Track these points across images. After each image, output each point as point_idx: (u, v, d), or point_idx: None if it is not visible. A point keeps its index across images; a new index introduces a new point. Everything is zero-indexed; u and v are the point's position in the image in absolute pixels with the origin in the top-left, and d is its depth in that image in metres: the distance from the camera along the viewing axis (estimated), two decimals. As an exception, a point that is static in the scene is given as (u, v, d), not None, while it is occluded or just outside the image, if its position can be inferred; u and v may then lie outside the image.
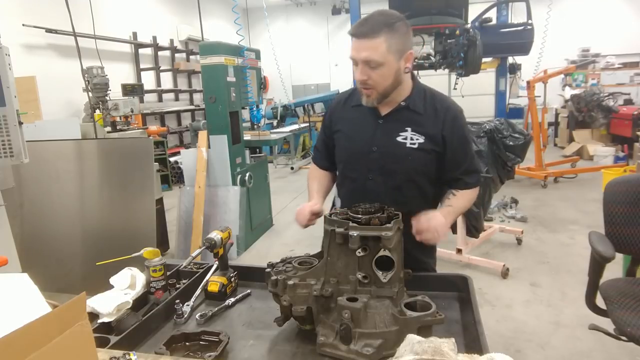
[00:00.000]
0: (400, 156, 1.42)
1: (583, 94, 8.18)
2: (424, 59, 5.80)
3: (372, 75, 1.34)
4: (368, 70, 1.33)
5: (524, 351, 2.53)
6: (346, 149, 1.52)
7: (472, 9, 6.60)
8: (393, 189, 1.45)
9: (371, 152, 1.45)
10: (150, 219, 3.13)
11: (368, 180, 1.47)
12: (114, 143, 3.72)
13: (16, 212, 3.17)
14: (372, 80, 1.34)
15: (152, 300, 1.42)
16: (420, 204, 1.45)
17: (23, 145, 2.22)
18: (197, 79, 9.93)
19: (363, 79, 1.34)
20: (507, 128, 3.72)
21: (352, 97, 1.55)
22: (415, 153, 1.42)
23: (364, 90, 1.39)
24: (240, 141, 4.46)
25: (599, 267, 1.89)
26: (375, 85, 1.36)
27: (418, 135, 1.42)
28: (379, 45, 1.29)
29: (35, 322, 0.67)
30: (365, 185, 1.47)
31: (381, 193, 1.43)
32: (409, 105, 1.44)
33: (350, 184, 1.53)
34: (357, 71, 1.35)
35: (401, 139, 1.42)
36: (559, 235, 4.34)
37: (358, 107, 1.48)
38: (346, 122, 1.53)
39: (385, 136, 1.44)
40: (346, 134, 1.52)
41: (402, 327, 1.03)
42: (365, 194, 1.42)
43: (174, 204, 5.03)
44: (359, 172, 1.48)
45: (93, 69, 5.16)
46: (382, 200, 1.32)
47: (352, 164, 1.51)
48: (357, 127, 1.49)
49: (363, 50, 1.31)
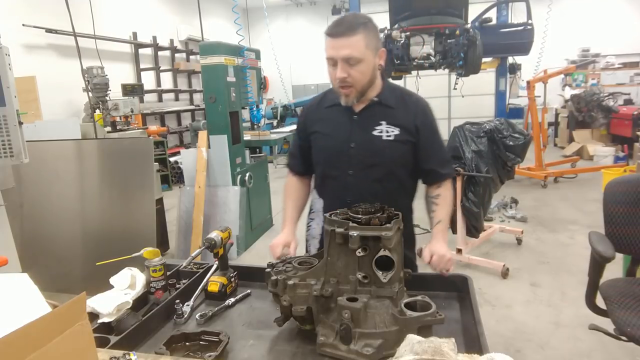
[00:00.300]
0: (378, 149, 1.47)
1: (583, 94, 8.18)
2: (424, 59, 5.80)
3: (352, 73, 1.37)
4: (347, 67, 1.37)
5: (524, 351, 2.53)
6: (324, 148, 1.55)
7: (472, 9, 6.59)
8: (374, 182, 1.49)
9: (350, 149, 1.49)
10: (150, 219, 3.13)
11: (349, 176, 1.50)
12: (114, 143, 3.72)
13: (16, 212, 3.17)
14: (351, 77, 1.38)
15: (152, 300, 1.42)
16: (400, 196, 1.52)
17: (23, 145, 2.22)
18: (197, 79, 9.93)
19: (343, 76, 1.37)
20: (507, 128, 3.72)
21: (325, 99, 1.60)
22: (392, 145, 1.47)
23: (343, 89, 1.42)
24: (240, 141, 4.45)
25: (599, 267, 1.89)
26: (354, 83, 1.40)
27: (393, 128, 1.47)
28: (357, 42, 1.34)
29: (35, 322, 0.67)
30: (347, 181, 1.50)
31: (362, 187, 1.47)
32: (381, 100, 1.49)
33: (331, 182, 1.56)
34: (336, 70, 1.38)
35: (377, 132, 1.47)
36: (559, 235, 4.34)
37: (332, 107, 1.54)
38: (321, 122, 1.57)
39: (361, 131, 1.49)
40: (323, 134, 1.55)
41: (402, 327, 1.03)
42: (347, 189, 1.49)
43: (174, 204, 5.03)
44: (340, 169, 1.52)
45: (93, 69, 5.16)
46: (363, 195, 1.38)
47: (332, 162, 1.54)
48: (333, 125, 1.53)
49: (343, 48, 1.35)
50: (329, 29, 1.38)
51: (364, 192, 1.44)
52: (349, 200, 1.43)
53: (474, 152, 3.53)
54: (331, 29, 1.38)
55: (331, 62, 1.39)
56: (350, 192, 1.46)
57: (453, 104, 11.48)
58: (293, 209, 1.64)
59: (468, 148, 3.55)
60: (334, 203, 1.45)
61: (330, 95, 1.57)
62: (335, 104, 1.52)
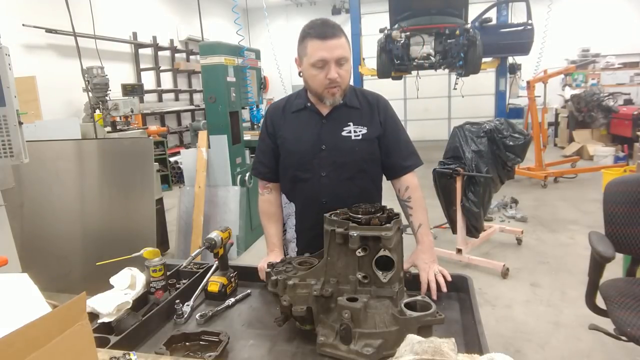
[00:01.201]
0: (348, 149, 1.51)
1: (583, 94, 8.18)
2: (424, 59, 5.80)
3: (341, 73, 1.42)
4: (337, 68, 1.41)
5: (524, 351, 2.53)
6: (295, 152, 1.55)
7: (472, 9, 6.60)
8: (346, 181, 1.52)
9: (320, 151, 1.51)
10: (150, 219, 3.13)
11: (322, 177, 1.52)
12: (114, 143, 3.72)
13: (16, 212, 3.17)
14: (340, 77, 1.42)
15: (152, 300, 1.41)
16: (372, 192, 1.58)
17: (23, 145, 2.22)
18: (197, 79, 9.93)
19: (335, 76, 1.41)
20: (507, 128, 3.72)
21: (290, 104, 1.60)
22: (361, 144, 1.51)
23: (331, 89, 1.44)
24: (240, 141, 4.46)
25: (599, 267, 1.89)
26: (342, 82, 1.44)
27: (360, 127, 1.52)
28: (344, 43, 1.41)
29: (35, 322, 0.67)
30: (320, 182, 1.52)
31: (335, 187, 1.51)
32: (347, 102, 1.53)
33: (303, 185, 1.55)
34: (324, 72, 1.41)
35: (346, 133, 1.52)
36: (559, 235, 4.34)
37: (298, 112, 1.57)
38: (289, 127, 1.57)
39: (330, 133, 1.52)
40: (292, 139, 1.56)
41: (402, 327, 1.03)
42: (321, 190, 1.52)
43: (174, 204, 5.03)
44: (312, 171, 1.53)
45: (93, 69, 5.15)
46: (337, 194, 1.47)
47: (303, 165, 1.54)
48: (302, 129, 1.55)
49: (336, 49, 1.38)
50: (317, 32, 1.39)
51: (337, 191, 1.49)
52: (324, 201, 1.48)
53: (474, 152, 3.53)
54: (320, 32, 1.39)
55: (320, 64, 1.40)
56: (324, 192, 1.50)
57: (453, 104, 11.49)
58: (276, 234, 1.62)
59: (468, 148, 3.55)
60: (308, 205, 1.49)
61: (296, 100, 1.58)
62: (302, 109, 1.55)
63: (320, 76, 1.42)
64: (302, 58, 1.46)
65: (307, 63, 1.43)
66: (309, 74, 1.44)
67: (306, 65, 1.44)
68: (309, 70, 1.43)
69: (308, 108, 1.55)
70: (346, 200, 1.32)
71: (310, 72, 1.43)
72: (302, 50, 1.44)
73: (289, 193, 1.62)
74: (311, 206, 1.51)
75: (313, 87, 1.47)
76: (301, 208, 1.58)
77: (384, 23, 6.79)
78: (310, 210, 1.48)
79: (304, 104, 1.55)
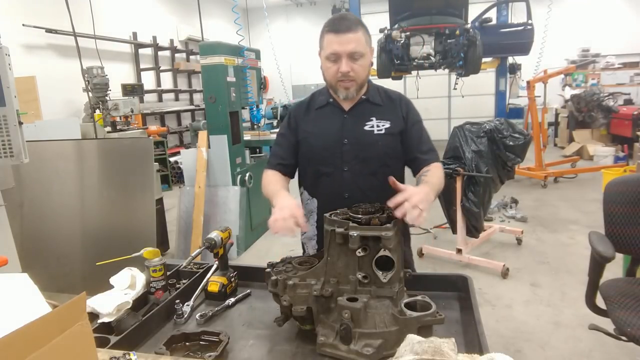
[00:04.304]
0: (371, 143, 1.51)
1: (583, 94, 8.17)
2: (424, 59, 5.80)
3: (355, 67, 1.43)
4: (351, 62, 1.42)
5: (524, 351, 2.53)
6: (317, 146, 1.56)
7: (472, 9, 6.60)
8: (369, 176, 1.51)
9: (343, 145, 1.52)
10: (150, 219, 3.13)
11: (344, 172, 1.52)
12: (114, 143, 3.72)
13: (16, 212, 3.17)
14: (354, 72, 1.43)
15: (152, 300, 1.41)
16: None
17: (23, 145, 2.22)
18: (197, 79, 9.93)
19: (347, 70, 1.42)
20: (507, 128, 3.72)
21: (314, 101, 1.62)
22: (384, 138, 1.51)
23: (344, 83, 1.46)
24: (240, 141, 4.46)
25: (599, 267, 1.89)
26: (356, 77, 1.45)
27: (383, 122, 1.52)
28: (360, 38, 1.42)
29: (35, 322, 0.67)
30: (343, 177, 1.52)
31: (358, 181, 1.51)
32: (369, 98, 1.55)
33: (326, 180, 1.56)
34: (337, 65, 1.43)
35: (368, 127, 1.52)
36: (559, 235, 4.34)
37: (322, 108, 1.58)
38: (312, 124, 1.59)
39: (353, 127, 1.53)
40: (315, 133, 1.57)
41: (402, 327, 1.03)
42: (343, 185, 1.51)
43: (174, 204, 5.03)
44: (334, 165, 1.53)
45: (93, 69, 5.15)
46: (360, 189, 1.46)
47: (326, 159, 1.54)
48: (324, 125, 1.56)
49: (349, 43, 1.40)
50: (331, 26, 1.43)
51: (360, 186, 1.49)
52: (346, 196, 1.48)
53: (474, 152, 3.53)
54: (334, 25, 1.42)
55: (333, 57, 1.43)
56: (347, 187, 1.50)
57: (453, 104, 11.49)
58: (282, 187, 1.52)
59: (468, 148, 3.55)
60: (330, 200, 1.46)
61: (319, 97, 1.61)
62: (325, 105, 1.57)
63: (333, 69, 1.44)
64: (320, 51, 1.49)
65: (322, 56, 1.47)
66: (324, 66, 1.48)
67: (322, 58, 1.48)
68: (324, 63, 1.48)
69: (330, 104, 1.56)
70: (369, 195, 1.31)
71: (325, 65, 1.47)
72: (320, 43, 1.48)
73: (311, 188, 1.62)
74: (333, 201, 1.43)
75: (327, 79, 1.51)
76: (323, 203, 1.57)
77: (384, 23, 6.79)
78: (332, 205, 1.40)
79: (326, 100, 1.57)
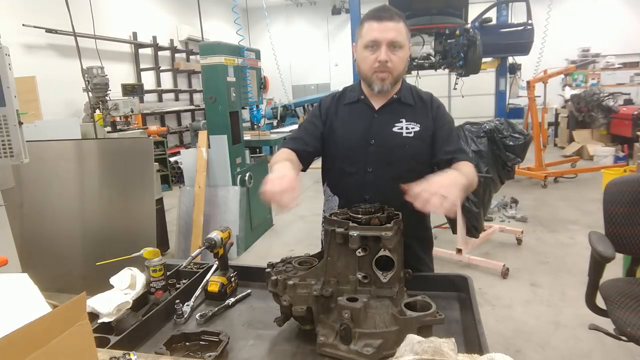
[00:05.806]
0: (398, 146, 1.45)
1: (583, 94, 8.17)
2: (424, 59, 5.79)
3: (393, 58, 1.39)
4: (389, 52, 1.38)
5: (524, 351, 2.53)
6: (343, 144, 1.52)
7: (472, 9, 6.59)
8: (393, 180, 1.38)
9: (369, 145, 1.47)
10: (150, 219, 3.13)
11: (367, 173, 1.47)
12: (114, 143, 3.72)
13: (16, 212, 3.17)
14: (391, 62, 1.39)
15: (152, 300, 1.41)
16: None
17: (23, 145, 2.22)
18: (197, 79, 9.93)
19: (385, 59, 1.37)
20: (507, 128, 3.72)
21: (344, 96, 1.58)
22: (412, 141, 1.46)
23: (381, 73, 1.40)
24: (240, 141, 4.45)
25: (599, 267, 1.89)
26: (393, 69, 1.40)
27: (413, 124, 1.47)
28: (401, 29, 1.39)
29: (35, 322, 0.67)
30: (365, 178, 1.47)
31: (381, 185, 1.44)
32: (401, 98, 1.50)
33: (349, 179, 1.52)
34: (375, 54, 1.38)
35: (397, 129, 1.46)
36: (559, 235, 4.34)
37: (351, 104, 1.54)
38: (340, 118, 1.54)
39: (381, 128, 1.47)
40: (342, 129, 1.52)
41: (402, 327, 1.03)
42: (366, 187, 1.46)
43: (174, 204, 5.03)
44: (358, 165, 1.49)
45: (93, 69, 5.15)
46: (383, 192, 1.37)
47: (350, 158, 1.50)
48: (352, 121, 1.51)
49: (390, 31, 1.36)
50: (373, 14, 1.39)
51: (382, 189, 1.41)
52: (367, 197, 1.40)
53: (474, 152, 3.53)
54: (376, 14, 1.39)
55: (372, 45, 1.38)
56: (369, 189, 1.44)
57: (453, 104, 11.46)
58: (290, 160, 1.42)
59: (468, 148, 3.55)
60: (351, 200, 1.38)
61: (350, 93, 1.56)
62: (355, 101, 1.52)
63: (371, 58, 1.39)
64: (357, 42, 1.45)
65: (360, 45, 1.42)
66: (361, 56, 1.43)
67: (360, 48, 1.42)
68: (361, 53, 1.42)
69: (361, 101, 1.51)
70: (390, 199, 1.25)
71: (362, 55, 1.42)
72: (358, 33, 1.44)
73: (334, 186, 1.59)
74: (354, 201, 1.36)
75: (363, 70, 1.44)
76: (344, 202, 1.52)
77: (384, 23, 6.79)
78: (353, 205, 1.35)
79: (357, 96, 1.52)
